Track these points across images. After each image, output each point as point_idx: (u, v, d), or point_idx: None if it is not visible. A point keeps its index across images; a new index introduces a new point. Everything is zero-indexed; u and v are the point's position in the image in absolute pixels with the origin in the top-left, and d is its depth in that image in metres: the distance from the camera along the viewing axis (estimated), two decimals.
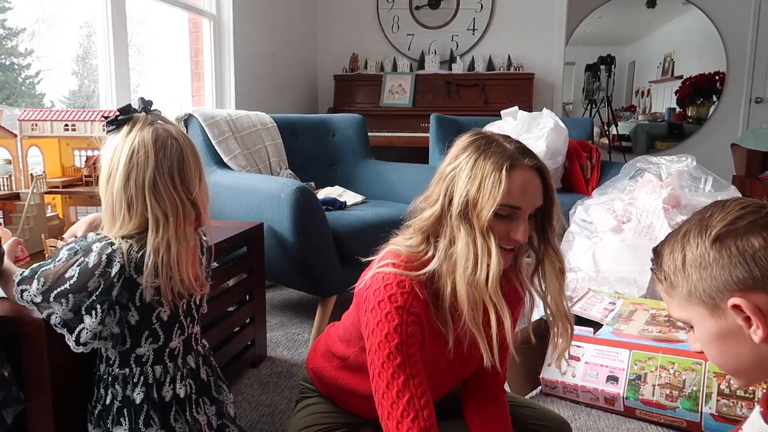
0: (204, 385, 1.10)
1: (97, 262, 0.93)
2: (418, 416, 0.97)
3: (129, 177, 0.95)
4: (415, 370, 0.99)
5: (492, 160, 0.95)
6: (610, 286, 2.11)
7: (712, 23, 5.19)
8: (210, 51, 3.35)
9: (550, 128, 2.73)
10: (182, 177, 0.99)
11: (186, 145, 1.01)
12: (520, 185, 0.95)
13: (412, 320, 0.98)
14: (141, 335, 1.00)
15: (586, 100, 5.74)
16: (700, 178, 2.25)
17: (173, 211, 0.97)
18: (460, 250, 0.96)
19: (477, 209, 0.95)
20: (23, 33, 2.53)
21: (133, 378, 1.00)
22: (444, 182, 0.99)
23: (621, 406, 1.67)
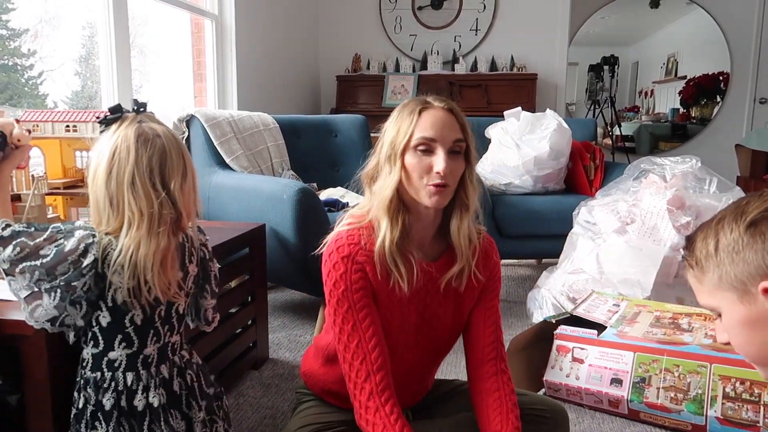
0: (175, 397, 1.05)
1: (74, 248, 0.92)
2: (366, 358, 1.06)
3: (111, 172, 0.95)
4: (362, 315, 1.07)
5: (408, 106, 1.08)
6: (614, 288, 2.10)
7: (716, 23, 5.17)
8: (212, 52, 3.34)
9: (553, 129, 2.72)
10: (162, 175, 0.97)
11: (171, 145, 0.99)
12: (432, 120, 1.06)
13: (356, 267, 1.07)
14: (114, 338, 0.98)
15: (589, 101, 5.72)
16: (705, 179, 2.24)
17: (147, 209, 0.95)
18: (380, 183, 1.08)
19: (395, 148, 1.06)
20: (26, 34, 2.53)
21: (104, 383, 0.98)
22: (380, 139, 1.11)
23: (625, 408, 1.66)
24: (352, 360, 1.07)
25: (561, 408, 1.28)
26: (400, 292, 1.09)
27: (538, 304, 2.31)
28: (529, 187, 2.75)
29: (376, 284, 1.09)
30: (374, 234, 1.09)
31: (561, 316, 1.93)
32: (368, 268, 1.08)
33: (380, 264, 1.08)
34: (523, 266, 3.33)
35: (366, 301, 1.08)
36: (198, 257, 1.10)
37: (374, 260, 1.08)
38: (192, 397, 1.08)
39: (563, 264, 2.34)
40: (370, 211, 1.11)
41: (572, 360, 1.76)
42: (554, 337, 1.82)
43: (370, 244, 1.08)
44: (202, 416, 1.10)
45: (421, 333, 1.17)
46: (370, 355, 1.06)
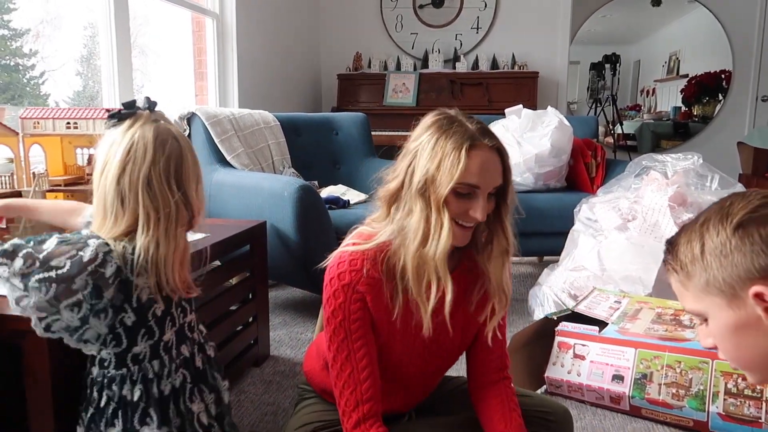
0: (200, 373, 1.08)
1: (93, 257, 0.90)
2: (357, 389, 1.05)
3: (124, 170, 0.93)
4: (357, 345, 1.05)
5: (453, 139, 0.98)
6: (616, 285, 2.09)
7: (718, 21, 5.15)
8: (213, 50, 3.35)
9: (554, 126, 2.71)
10: (179, 178, 0.98)
11: (186, 147, 1.00)
12: (479, 164, 0.98)
13: (356, 297, 1.04)
14: (137, 334, 0.98)
15: (590, 99, 5.71)
16: (707, 176, 2.23)
17: (165, 211, 0.95)
18: (413, 223, 0.99)
19: (435, 186, 0.97)
20: (28, 34, 2.54)
21: (132, 377, 0.98)
22: (407, 158, 1.03)
23: (627, 405, 1.65)
24: (342, 388, 1.07)
25: (565, 410, 1.27)
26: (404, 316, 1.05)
27: (539, 302, 2.30)
28: (531, 184, 2.75)
29: (378, 312, 1.06)
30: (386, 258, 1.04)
31: (562, 313, 1.93)
32: (369, 298, 1.04)
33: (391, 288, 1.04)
34: (524, 264, 3.33)
35: (362, 332, 1.06)
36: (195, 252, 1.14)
37: (382, 287, 1.04)
38: (213, 369, 1.13)
39: (564, 261, 2.34)
40: (381, 236, 1.05)
41: (573, 356, 1.76)
42: (555, 334, 1.82)
43: (374, 270, 1.04)
44: (226, 384, 1.15)
45: (429, 351, 1.15)
46: (360, 385, 1.06)
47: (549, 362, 1.79)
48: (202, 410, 1.06)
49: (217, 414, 1.10)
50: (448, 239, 0.97)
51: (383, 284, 1.04)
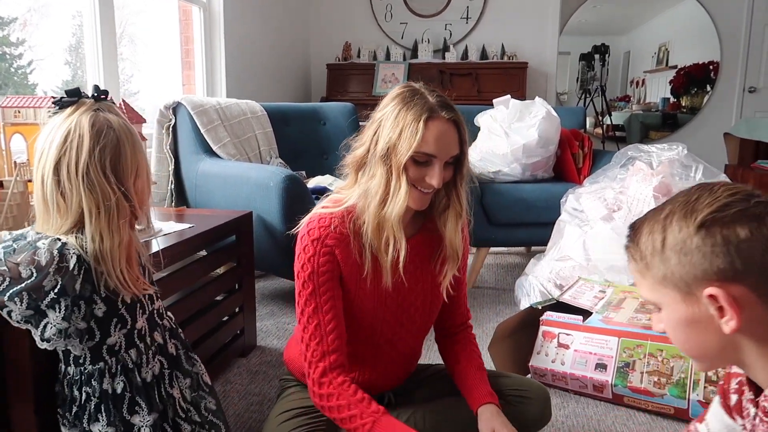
0: (174, 358, 1.08)
1: (49, 259, 0.88)
2: (323, 340, 1.10)
3: (61, 159, 0.90)
4: (324, 298, 1.11)
5: (413, 110, 1.06)
6: (601, 275, 2.11)
7: (707, 13, 5.17)
8: (200, 39, 3.32)
9: (542, 117, 2.72)
10: (116, 170, 0.94)
11: (125, 138, 0.95)
12: (436, 135, 1.06)
13: (324, 251, 1.10)
14: (110, 324, 0.97)
15: (580, 90, 5.72)
16: (691, 166, 2.25)
17: (105, 202, 0.92)
18: (374, 186, 1.08)
19: (396, 153, 1.06)
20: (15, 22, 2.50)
21: (110, 369, 0.97)
22: (372, 127, 1.11)
23: (609, 393, 1.67)
24: (309, 341, 1.11)
25: (542, 388, 1.30)
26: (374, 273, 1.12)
27: (525, 291, 2.32)
28: (518, 174, 2.75)
29: (347, 266, 1.12)
30: (353, 219, 1.12)
31: (547, 303, 1.94)
32: (337, 251, 1.11)
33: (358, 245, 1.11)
34: (512, 254, 3.34)
35: (330, 285, 1.11)
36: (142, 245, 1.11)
37: (349, 243, 1.11)
38: (190, 352, 1.12)
39: (551, 251, 2.35)
40: (349, 199, 1.13)
41: (558, 345, 1.77)
42: (540, 323, 1.83)
43: (342, 227, 1.11)
44: (203, 369, 1.14)
45: (401, 309, 1.20)
46: (327, 337, 1.10)
47: (533, 351, 1.80)
48: (179, 396, 1.06)
49: (192, 398, 1.09)
50: (404, 202, 1.06)
51: (351, 240, 1.11)
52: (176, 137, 2.43)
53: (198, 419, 1.08)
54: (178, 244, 1.52)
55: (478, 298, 2.56)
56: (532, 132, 2.69)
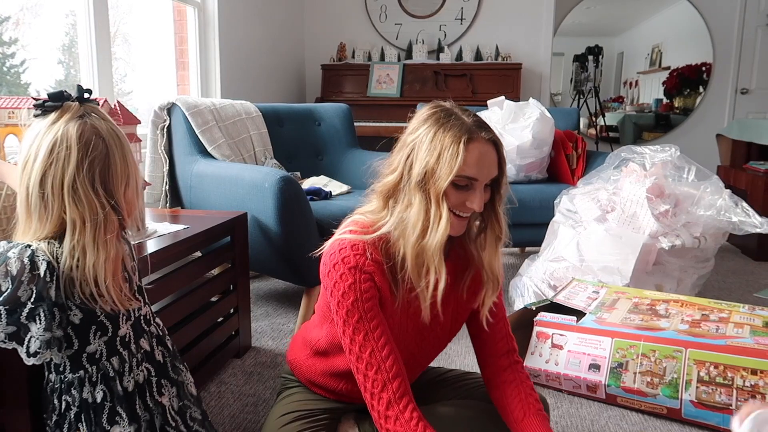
0: (161, 366, 1.05)
1: (20, 268, 0.85)
2: (381, 367, 1.04)
3: (47, 172, 0.87)
4: (373, 324, 1.05)
5: (451, 132, 1.00)
6: (594, 275, 2.12)
7: (699, 14, 5.20)
8: (195, 39, 3.31)
9: (536, 118, 2.73)
10: (105, 182, 0.91)
11: (114, 146, 0.92)
12: (477, 157, 1.01)
13: (365, 278, 1.04)
14: (88, 331, 0.93)
15: (574, 91, 5.74)
16: (684, 167, 2.26)
17: (91, 217, 0.89)
18: (413, 216, 1.02)
19: (434, 179, 1.00)
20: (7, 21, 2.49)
21: (91, 378, 0.95)
22: (405, 150, 1.05)
23: (603, 393, 1.68)
24: (366, 371, 1.05)
25: (542, 398, 1.29)
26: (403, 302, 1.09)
27: (519, 292, 2.33)
28: (512, 175, 2.76)
29: (383, 293, 1.07)
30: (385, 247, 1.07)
31: (541, 303, 1.95)
32: (377, 278, 1.06)
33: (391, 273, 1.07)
34: (506, 254, 3.35)
35: (376, 310, 1.06)
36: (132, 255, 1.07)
37: (384, 270, 1.06)
38: (177, 360, 1.09)
39: (545, 252, 2.36)
40: (382, 227, 1.07)
41: (552, 346, 1.78)
42: (534, 324, 1.84)
43: (376, 254, 1.06)
44: (190, 379, 1.11)
45: (421, 336, 1.17)
46: (384, 363, 1.04)
47: (528, 352, 1.81)
48: (169, 405, 1.03)
49: (179, 408, 1.07)
50: (446, 230, 1.01)
51: (385, 268, 1.06)
52: (171, 138, 2.43)
53: (184, 429, 1.06)
54: (173, 245, 1.52)
55: None
56: (527, 133, 2.70)
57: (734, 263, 3.25)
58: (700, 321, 1.72)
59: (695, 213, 2.15)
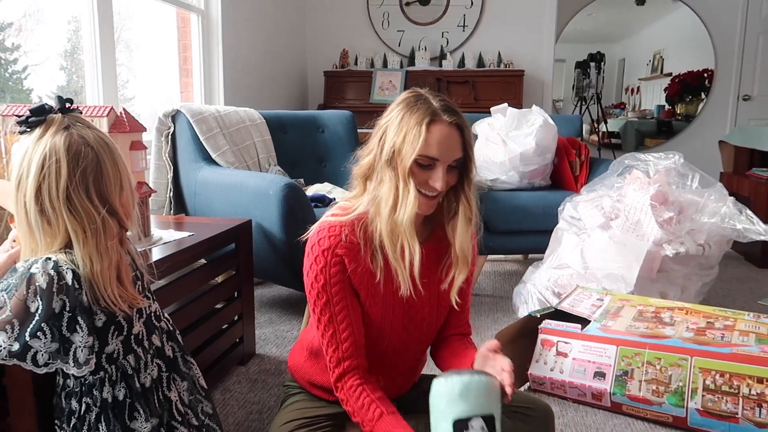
0: (171, 361, 1.07)
1: (49, 281, 0.86)
2: (338, 348, 1.13)
3: (41, 187, 0.88)
4: (338, 308, 1.13)
5: (416, 114, 1.07)
6: (598, 283, 2.12)
7: (701, 21, 5.21)
8: (198, 47, 3.32)
9: (539, 125, 2.73)
10: (99, 189, 0.92)
11: (103, 153, 0.93)
12: (438, 138, 1.07)
13: (335, 261, 1.11)
14: (107, 332, 0.95)
15: (576, 98, 5.75)
16: (688, 175, 2.27)
17: (90, 226, 0.90)
18: (385, 192, 1.09)
19: (401, 157, 1.07)
20: (10, 28, 2.50)
21: (111, 377, 0.96)
22: (378, 133, 1.13)
23: (608, 401, 1.68)
24: (327, 347, 1.14)
25: (547, 406, 1.29)
26: (386, 279, 1.13)
27: (523, 299, 2.33)
28: (516, 182, 2.77)
29: (357, 275, 1.13)
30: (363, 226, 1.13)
31: (546, 311, 1.95)
32: (347, 260, 1.11)
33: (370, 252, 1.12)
34: (509, 262, 3.35)
35: (342, 294, 1.13)
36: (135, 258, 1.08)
37: (360, 251, 1.11)
38: (186, 355, 1.11)
39: (548, 259, 2.36)
40: (359, 207, 1.14)
41: (556, 354, 1.78)
42: (539, 332, 1.84)
43: (352, 236, 1.12)
44: (200, 372, 1.13)
45: (408, 317, 1.21)
46: (342, 345, 1.13)
47: (532, 360, 1.81)
48: (177, 399, 1.05)
49: (189, 402, 1.09)
50: (414, 206, 1.07)
51: (361, 248, 1.12)
52: (175, 145, 2.44)
53: (195, 423, 1.08)
54: (178, 252, 1.52)
55: (476, 306, 2.57)
56: (530, 140, 2.70)
57: (738, 270, 3.25)
58: (705, 329, 1.72)
59: (699, 220, 2.15)
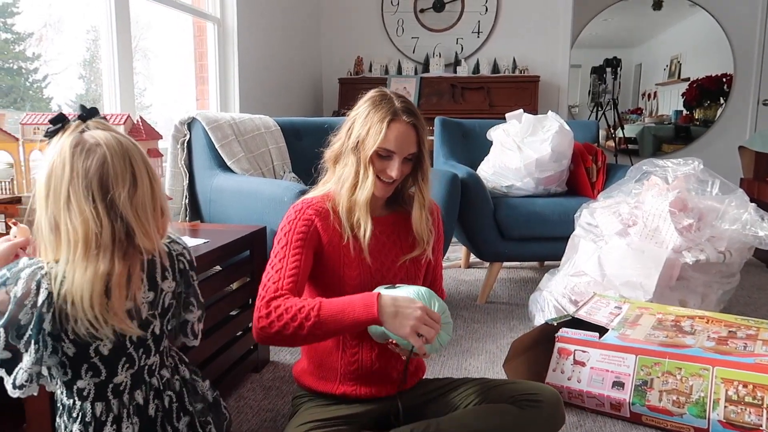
0: (150, 421, 0.96)
1: (26, 291, 0.82)
2: (280, 282, 1.21)
3: (48, 192, 0.85)
4: (293, 253, 1.24)
5: (380, 113, 1.25)
6: (616, 291, 2.09)
7: (719, 25, 5.15)
8: (214, 54, 3.35)
9: (555, 131, 2.71)
10: (103, 188, 0.86)
11: (113, 152, 0.87)
12: (396, 135, 1.24)
13: (304, 218, 1.27)
14: (80, 368, 0.90)
15: (592, 103, 5.71)
16: (707, 181, 2.23)
17: (83, 229, 0.83)
18: (347, 173, 1.28)
19: (364, 147, 1.26)
20: (31, 37, 2.54)
21: (73, 412, 0.91)
22: (348, 123, 1.32)
23: (627, 412, 1.65)
24: (266, 281, 1.22)
25: (554, 392, 1.32)
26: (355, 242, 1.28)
27: (539, 307, 2.30)
28: (531, 189, 2.74)
29: (327, 234, 1.27)
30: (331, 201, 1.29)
31: (563, 319, 1.92)
32: (317, 220, 1.27)
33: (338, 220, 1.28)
34: (525, 269, 3.32)
35: (302, 248, 1.24)
36: (177, 270, 1.00)
37: (329, 216, 1.27)
38: (168, 420, 0.99)
39: (565, 266, 2.33)
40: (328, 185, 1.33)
41: (574, 363, 1.75)
42: (556, 340, 1.81)
43: (322, 203, 1.29)
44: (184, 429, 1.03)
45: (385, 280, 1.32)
46: (284, 280, 1.21)
47: (549, 368, 1.78)
48: None
49: None
50: (371, 190, 1.25)
51: (330, 215, 1.28)
52: (191, 152, 2.45)
53: None
54: None
55: (492, 313, 2.54)
56: (545, 146, 2.68)
57: (760, 278, 3.18)
58: (727, 338, 1.68)
59: (720, 227, 2.11)
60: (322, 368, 1.35)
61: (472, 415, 1.25)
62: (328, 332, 1.15)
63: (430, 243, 1.36)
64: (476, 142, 3.09)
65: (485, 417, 1.24)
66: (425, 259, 1.38)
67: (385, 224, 1.35)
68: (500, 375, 1.88)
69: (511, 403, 1.27)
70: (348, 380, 1.33)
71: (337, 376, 1.34)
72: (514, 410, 1.25)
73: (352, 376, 1.33)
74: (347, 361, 1.32)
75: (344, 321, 1.13)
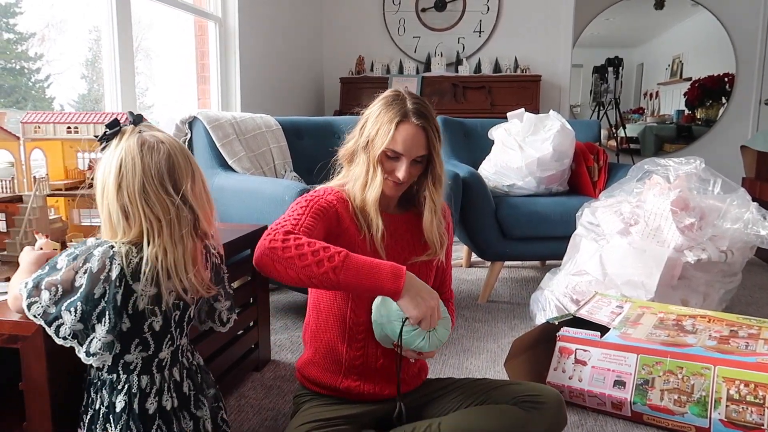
0: (185, 398, 1.08)
1: (101, 266, 0.94)
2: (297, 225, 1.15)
3: (120, 186, 0.96)
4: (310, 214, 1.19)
5: (390, 113, 1.24)
6: (618, 290, 2.08)
7: (721, 24, 5.14)
8: (216, 54, 3.36)
9: (556, 130, 2.71)
10: (173, 179, 0.99)
11: (174, 148, 1.01)
12: (404, 137, 1.23)
13: (327, 199, 1.25)
14: (131, 342, 0.99)
15: (593, 103, 5.70)
16: (709, 180, 2.22)
17: (165, 216, 0.97)
18: (358, 171, 1.28)
19: (373, 146, 1.26)
20: (33, 38, 2.55)
21: (118, 384, 1.00)
22: (361, 122, 1.31)
23: (628, 411, 1.64)
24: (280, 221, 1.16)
25: (555, 393, 1.32)
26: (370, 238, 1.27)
27: (541, 306, 2.30)
28: (533, 188, 2.74)
29: (346, 222, 1.26)
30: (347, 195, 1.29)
31: (564, 318, 1.92)
32: (339, 206, 1.26)
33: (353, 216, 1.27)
34: (526, 268, 3.32)
35: (320, 219, 1.20)
36: (211, 262, 1.12)
37: (348, 206, 1.27)
38: (201, 395, 1.12)
39: (566, 266, 2.33)
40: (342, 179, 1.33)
41: (575, 362, 1.75)
42: (557, 339, 1.81)
43: (342, 194, 1.29)
44: (208, 414, 1.13)
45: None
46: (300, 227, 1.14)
47: (550, 367, 1.78)
48: None
49: None
50: (379, 188, 1.25)
51: (350, 205, 1.28)
52: (192, 151, 2.45)
53: None
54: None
55: (493, 312, 2.54)
56: (547, 145, 2.68)
57: (762, 278, 3.18)
58: (729, 337, 1.67)
59: (721, 226, 2.11)
60: (327, 359, 1.35)
61: (474, 416, 1.24)
62: (342, 283, 1.07)
63: (444, 247, 1.36)
64: (478, 142, 3.09)
65: (487, 418, 1.23)
66: (437, 261, 1.38)
67: (399, 222, 1.34)
68: (501, 374, 1.88)
69: (513, 405, 1.27)
70: (352, 374, 1.33)
71: (341, 369, 1.34)
72: (517, 411, 1.25)
73: (357, 371, 1.33)
74: (352, 355, 1.32)
75: (368, 280, 1.07)
